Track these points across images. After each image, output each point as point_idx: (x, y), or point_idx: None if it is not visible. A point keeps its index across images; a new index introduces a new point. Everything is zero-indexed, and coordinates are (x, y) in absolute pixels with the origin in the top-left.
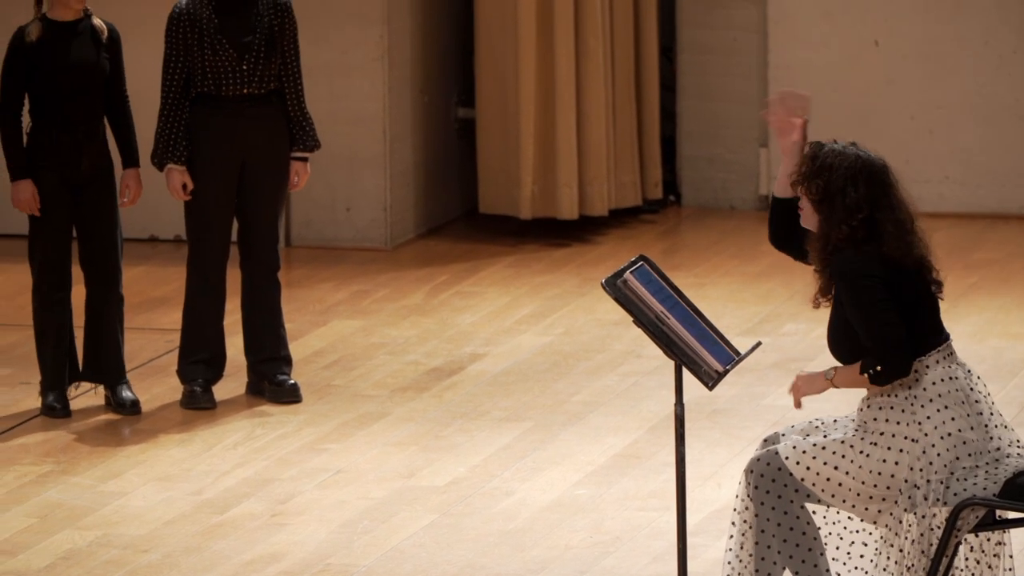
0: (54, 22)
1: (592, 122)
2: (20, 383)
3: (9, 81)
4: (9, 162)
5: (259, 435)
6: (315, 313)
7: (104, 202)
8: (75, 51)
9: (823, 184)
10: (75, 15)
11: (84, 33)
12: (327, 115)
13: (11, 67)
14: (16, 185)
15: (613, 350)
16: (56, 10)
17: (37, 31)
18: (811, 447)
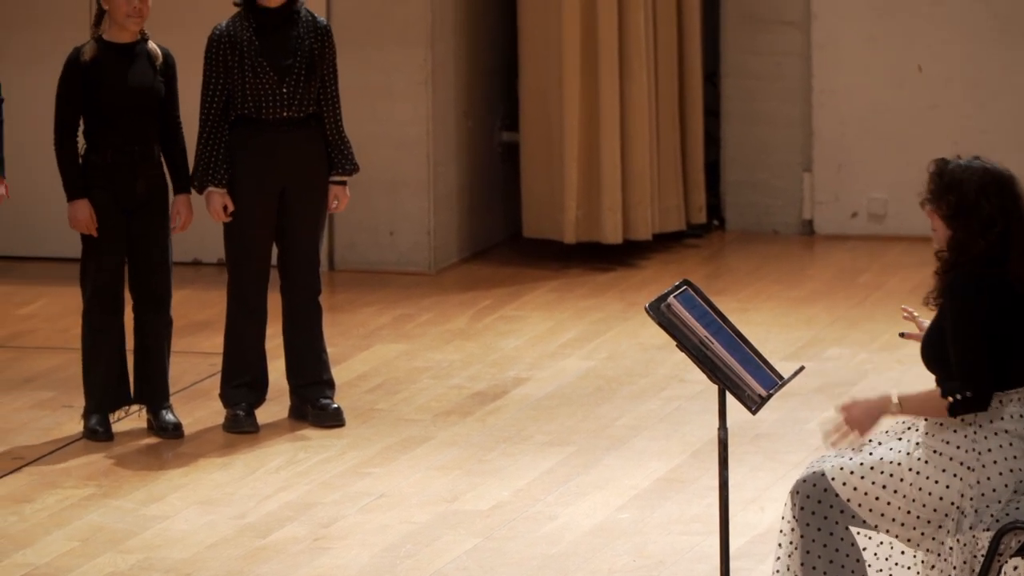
0: (110, 44)
1: (636, 146)
2: (63, 406)
3: (65, 101)
4: (66, 182)
5: (302, 459)
6: (358, 337)
7: (156, 225)
8: (131, 73)
9: (955, 200)
10: (132, 37)
11: (140, 56)
12: (370, 138)
13: (67, 87)
14: (73, 205)
15: (656, 374)
16: (113, 32)
17: (92, 51)
18: (859, 467)
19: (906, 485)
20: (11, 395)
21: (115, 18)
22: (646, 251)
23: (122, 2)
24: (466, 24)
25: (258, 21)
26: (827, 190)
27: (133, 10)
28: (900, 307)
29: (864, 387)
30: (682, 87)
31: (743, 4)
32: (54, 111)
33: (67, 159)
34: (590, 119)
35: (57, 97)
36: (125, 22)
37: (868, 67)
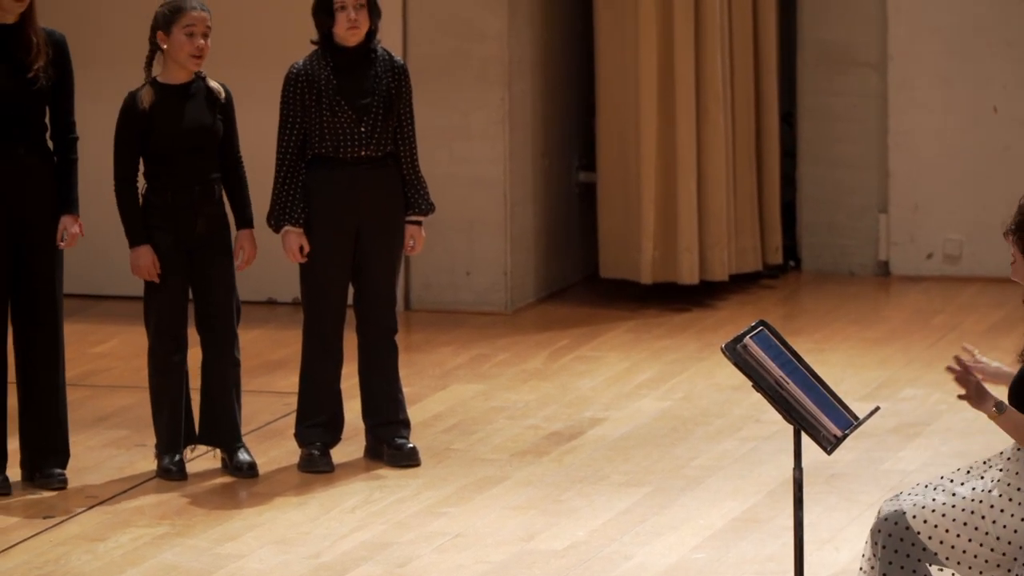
0: (165, 85)
1: (713, 187)
2: (136, 445)
3: (124, 148)
4: (127, 228)
5: (377, 498)
6: (435, 377)
7: (220, 264)
8: (189, 113)
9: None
10: (188, 77)
11: (197, 94)
12: (448, 178)
13: (125, 134)
14: (136, 251)
15: (732, 415)
16: (169, 71)
17: (149, 97)
18: (940, 506)
19: (986, 523)
20: (85, 434)
21: (176, 58)
22: (722, 292)
23: (185, 42)
24: (543, 64)
25: (336, 60)
26: (903, 231)
27: (196, 49)
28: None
29: (937, 428)
30: (759, 128)
31: (820, 45)
32: (113, 157)
33: (127, 206)
34: (667, 159)
35: (115, 144)
36: (187, 62)
37: (943, 108)
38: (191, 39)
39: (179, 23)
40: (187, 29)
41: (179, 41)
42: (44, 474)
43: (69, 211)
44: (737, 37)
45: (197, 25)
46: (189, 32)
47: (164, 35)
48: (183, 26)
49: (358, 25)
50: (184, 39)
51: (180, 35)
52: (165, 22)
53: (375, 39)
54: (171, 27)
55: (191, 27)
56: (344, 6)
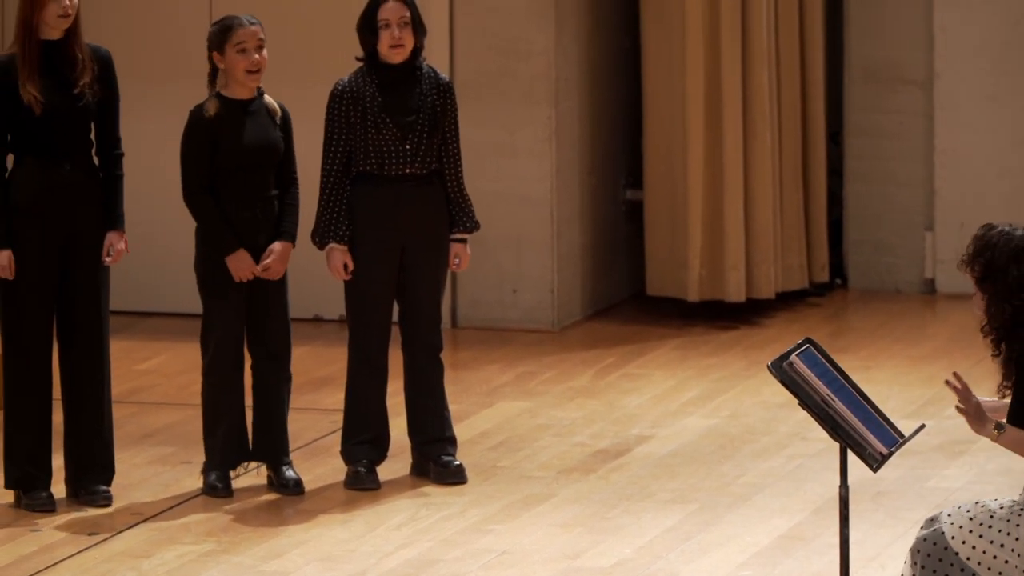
0: (230, 100)
1: (759, 205)
2: (182, 462)
3: (192, 158)
4: (216, 238)
5: (423, 516)
6: (481, 394)
7: (277, 280)
8: (251, 129)
9: (984, 262)
10: (249, 94)
11: (258, 111)
12: (494, 196)
13: (193, 143)
14: (233, 258)
15: (779, 432)
16: (231, 89)
17: (215, 107)
18: (977, 525)
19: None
20: (130, 451)
21: (234, 76)
22: (769, 310)
23: (240, 59)
24: (590, 82)
25: (381, 77)
26: (949, 249)
27: (252, 64)
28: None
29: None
30: (805, 146)
31: (866, 63)
32: (181, 169)
33: (208, 216)
34: (714, 177)
35: (183, 155)
36: (245, 79)
37: (990, 126)
38: (245, 55)
39: (230, 41)
40: (239, 46)
41: (233, 59)
42: (89, 491)
43: (115, 227)
44: (784, 55)
45: (248, 40)
46: (241, 49)
47: (219, 55)
48: (234, 44)
49: (402, 43)
50: (238, 56)
51: (233, 53)
52: (217, 42)
53: (421, 56)
54: (223, 46)
55: (243, 43)
56: (388, 24)
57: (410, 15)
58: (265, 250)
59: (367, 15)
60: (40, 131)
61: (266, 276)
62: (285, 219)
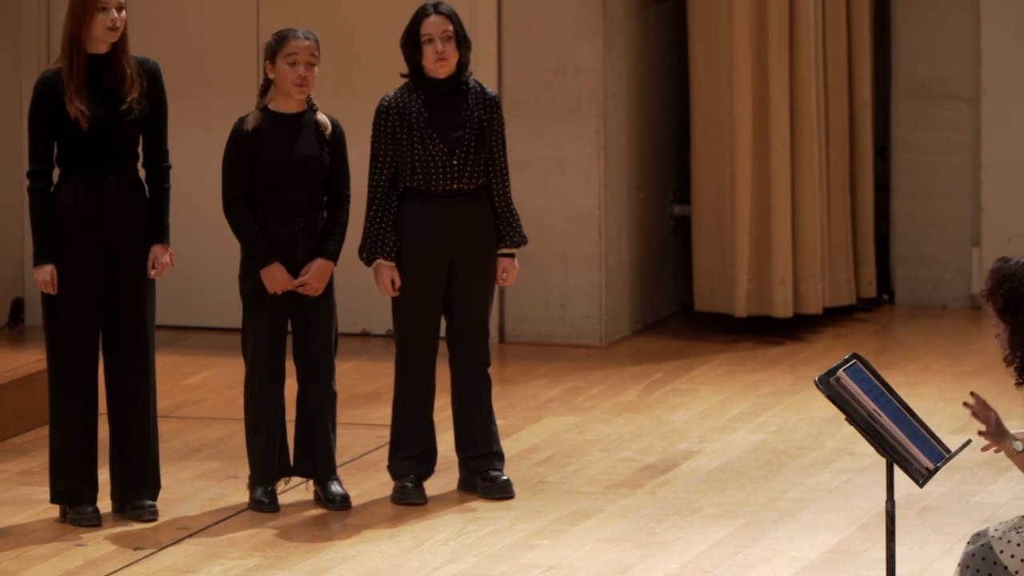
0: (275, 113)
1: (807, 220)
2: (228, 477)
3: (230, 170)
4: (251, 250)
5: (470, 531)
6: (529, 409)
7: (321, 296)
8: (295, 143)
9: (1003, 293)
10: (298, 107)
11: (307, 126)
12: (542, 211)
13: (232, 156)
14: (268, 270)
15: (825, 447)
16: (279, 102)
17: (255, 121)
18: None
19: None
20: (176, 465)
21: (282, 87)
22: (816, 325)
23: (288, 71)
24: (638, 97)
25: (427, 92)
26: None
27: (298, 78)
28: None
29: None
30: (852, 161)
31: (913, 79)
32: (221, 182)
33: (245, 228)
34: (761, 193)
35: (223, 167)
36: (291, 91)
37: None
38: (293, 68)
39: (282, 52)
40: (290, 58)
41: (283, 70)
42: (135, 506)
43: (160, 240)
44: (832, 70)
45: (300, 54)
46: (292, 61)
47: (270, 65)
48: (285, 55)
49: (446, 57)
50: (287, 68)
51: (283, 64)
52: (271, 52)
53: (466, 71)
54: (276, 57)
55: (293, 56)
56: (431, 38)
57: (453, 29)
58: (302, 267)
59: (411, 30)
60: (86, 145)
61: (303, 292)
62: (330, 237)
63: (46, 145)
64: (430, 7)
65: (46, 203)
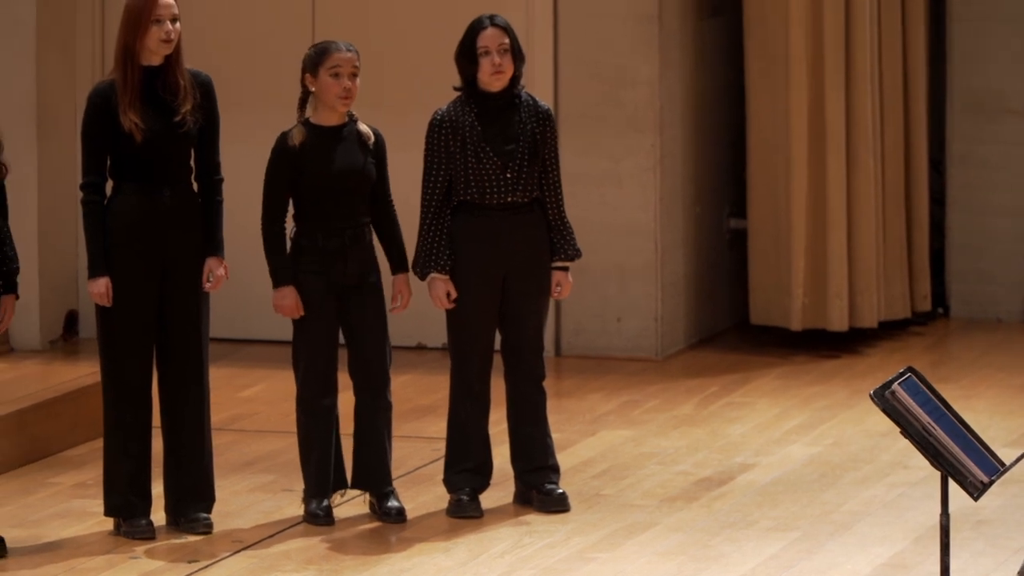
0: (317, 126)
1: (863, 234)
2: (283, 490)
3: (273, 186)
4: (272, 268)
5: (526, 544)
6: (585, 422)
7: (372, 308)
8: (340, 155)
9: None
10: (340, 119)
11: (349, 137)
12: (598, 224)
13: (275, 172)
14: (279, 291)
15: (880, 460)
16: (321, 114)
17: (300, 136)
18: None
19: None
20: (231, 478)
21: (325, 101)
22: (871, 338)
23: (332, 83)
24: (694, 110)
25: (480, 106)
26: None
27: (343, 91)
28: None
29: None
30: (908, 175)
31: (969, 93)
32: (263, 196)
33: (273, 245)
34: (817, 206)
35: (265, 182)
36: (336, 104)
37: None
38: (337, 80)
39: (325, 65)
40: (333, 71)
41: (326, 83)
42: (189, 518)
43: (215, 253)
44: (887, 84)
45: (343, 66)
46: (335, 73)
47: (312, 78)
48: (329, 68)
49: (502, 70)
50: (330, 81)
51: (326, 77)
52: (312, 64)
53: (519, 84)
54: (318, 69)
55: (337, 68)
56: (488, 51)
57: (509, 42)
58: (356, 278)
59: (466, 43)
60: (140, 158)
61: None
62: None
63: (100, 157)
64: (486, 19)
65: (100, 215)
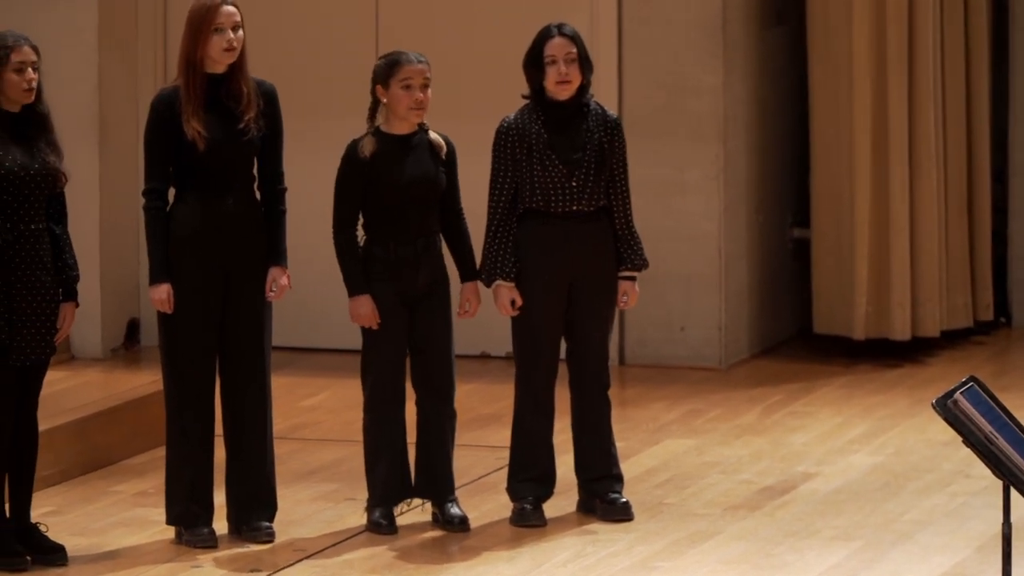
0: (388, 135)
1: (925, 243)
2: (346, 499)
3: (344, 196)
4: (346, 277)
5: (589, 552)
6: (648, 432)
7: (440, 317)
8: (411, 164)
9: None
10: (410, 128)
11: (420, 146)
12: (662, 233)
13: (346, 182)
14: (355, 300)
15: (943, 470)
16: (391, 124)
17: (371, 146)
18: None
19: None
20: (294, 487)
21: (396, 111)
22: (933, 348)
23: (403, 95)
24: (758, 119)
25: (547, 114)
26: None
27: (415, 102)
28: None
29: None
30: (970, 184)
31: None
32: (333, 205)
33: (347, 254)
34: (880, 215)
35: (336, 192)
36: (407, 115)
37: None
38: (408, 92)
39: (396, 77)
40: (404, 82)
41: (397, 95)
42: (251, 527)
43: (278, 262)
44: (950, 93)
45: (414, 78)
46: (406, 85)
47: (383, 89)
48: (400, 80)
49: (569, 79)
50: (402, 92)
51: (397, 89)
52: (383, 76)
53: (588, 93)
54: (389, 81)
55: (408, 80)
56: (555, 60)
57: (577, 51)
58: (426, 287)
59: (533, 51)
60: (203, 165)
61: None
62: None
63: (162, 164)
64: (554, 28)
65: (163, 222)
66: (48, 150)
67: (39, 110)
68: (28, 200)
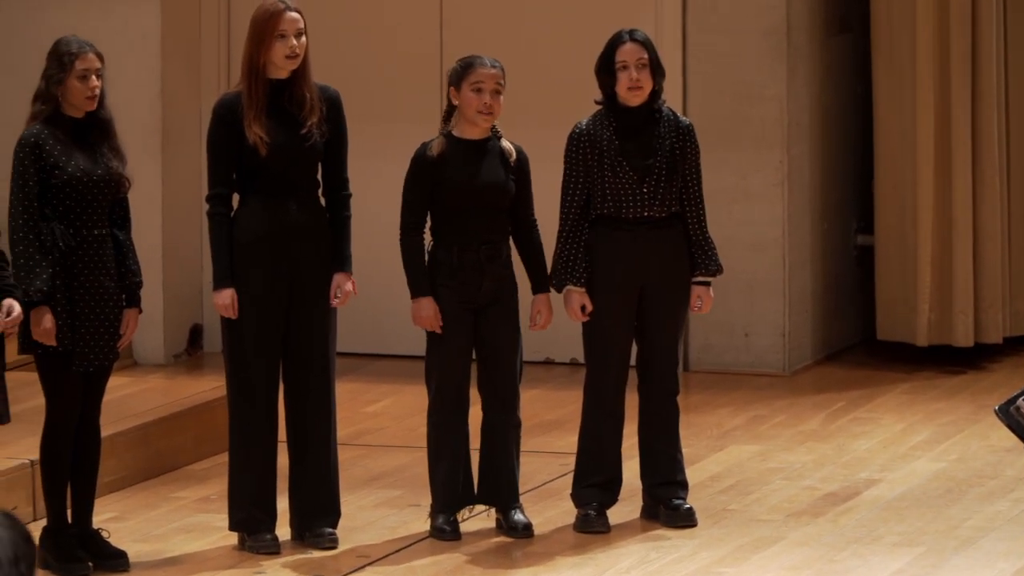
0: (458, 139)
1: (988, 250)
2: (409, 505)
3: (411, 196)
4: (410, 279)
5: (653, 559)
6: (712, 438)
7: (506, 325)
8: (479, 170)
9: None
10: (482, 134)
11: (491, 153)
12: (727, 240)
13: (414, 182)
14: (417, 302)
15: (1005, 476)
16: (463, 128)
17: (440, 147)
18: None
19: None
20: (357, 493)
21: (465, 114)
22: (996, 354)
23: (473, 98)
24: (822, 126)
25: (619, 120)
26: None
27: (484, 107)
28: None
29: None
30: None
31: None
32: (401, 207)
33: (412, 256)
34: (943, 223)
35: (404, 193)
36: (475, 118)
37: None
38: (479, 95)
39: (468, 79)
40: (475, 85)
41: (468, 97)
42: (314, 533)
43: (342, 268)
44: (1013, 100)
45: (486, 82)
46: (477, 88)
47: (455, 91)
48: (472, 82)
49: (640, 85)
50: (472, 95)
51: (468, 91)
52: (456, 78)
53: (660, 99)
54: (461, 83)
55: (479, 83)
56: (626, 66)
57: (648, 57)
58: (490, 295)
59: (605, 57)
60: (266, 171)
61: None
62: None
63: (226, 169)
64: (625, 34)
65: (226, 227)
66: (111, 155)
67: (102, 115)
68: (91, 205)
